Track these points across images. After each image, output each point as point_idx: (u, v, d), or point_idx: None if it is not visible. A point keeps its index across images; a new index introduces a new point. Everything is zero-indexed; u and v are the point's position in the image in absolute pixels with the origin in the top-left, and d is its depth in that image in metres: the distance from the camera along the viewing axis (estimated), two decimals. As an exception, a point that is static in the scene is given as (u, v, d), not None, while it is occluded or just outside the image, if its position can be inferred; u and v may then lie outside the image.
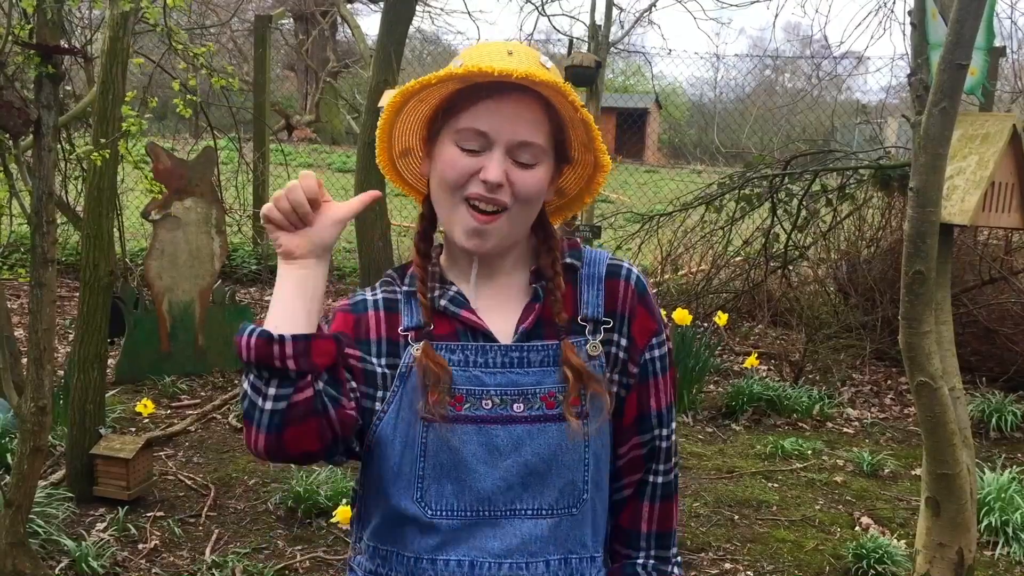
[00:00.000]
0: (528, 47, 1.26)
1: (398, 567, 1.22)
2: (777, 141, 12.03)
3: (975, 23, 2.20)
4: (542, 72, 1.18)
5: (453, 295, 1.25)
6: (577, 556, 1.24)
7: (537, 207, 1.25)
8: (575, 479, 1.22)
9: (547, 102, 1.22)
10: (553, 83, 1.17)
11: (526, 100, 1.20)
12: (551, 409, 1.21)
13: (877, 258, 6.15)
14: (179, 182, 4.96)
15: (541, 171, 1.22)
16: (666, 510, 1.32)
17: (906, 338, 2.46)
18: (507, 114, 1.19)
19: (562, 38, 9.57)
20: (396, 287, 1.29)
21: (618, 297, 1.27)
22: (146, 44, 7.15)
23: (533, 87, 1.19)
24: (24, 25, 2.64)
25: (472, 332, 1.23)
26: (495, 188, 1.18)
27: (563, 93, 1.18)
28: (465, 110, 1.20)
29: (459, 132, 1.20)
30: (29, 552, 2.78)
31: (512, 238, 1.24)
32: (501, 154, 1.19)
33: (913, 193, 2.34)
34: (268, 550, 3.24)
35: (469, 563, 1.19)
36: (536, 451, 1.20)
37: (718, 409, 5.02)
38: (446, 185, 1.22)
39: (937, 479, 2.60)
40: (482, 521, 1.20)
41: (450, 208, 1.22)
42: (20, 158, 2.69)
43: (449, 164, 1.21)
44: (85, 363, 3.43)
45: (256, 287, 7.63)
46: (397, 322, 1.25)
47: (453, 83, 1.22)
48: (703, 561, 3.32)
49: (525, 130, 1.19)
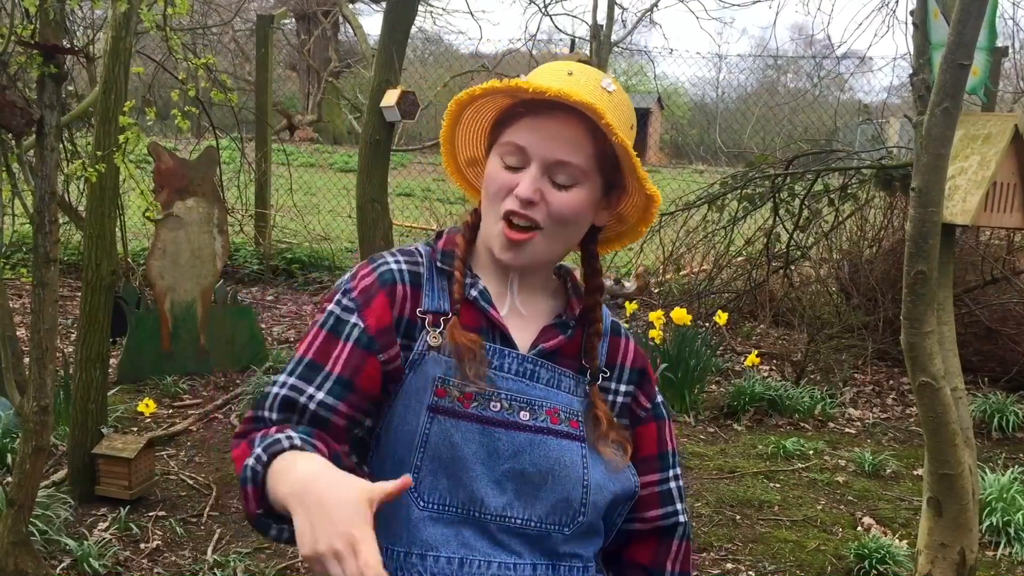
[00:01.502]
0: (592, 68, 1.26)
1: (389, 563, 1.21)
2: (779, 141, 12.03)
3: (977, 23, 2.20)
4: (585, 92, 1.16)
5: (482, 289, 1.25)
6: (567, 564, 1.24)
7: (576, 230, 1.25)
8: (570, 497, 1.22)
9: (594, 123, 1.20)
10: (586, 104, 1.15)
11: (569, 119, 1.19)
12: (555, 424, 1.23)
13: (879, 258, 6.14)
14: (181, 182, 4.97)
15: (579, 193, 1.21)
16: (687, 550, 1.36)
17: (908, 338, 2.46)
18: (546, 132, 1.19)
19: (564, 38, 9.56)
20: (420, 260, 1.27)
21: (619, 351, 1.34)
22: (148, 44, 7.15)
23: (581, 109, 1.17)
24: (26, 25, 2.64)
25: (493, 332, 1.24)
26: (527, 205, 1.19)
27: (596, 115, 1.16)
28: (510, 125, 1.22)
29: (503, 146, 1.22)
30: (31, 551, 2.79)
31: (548, 256, 1.25)
32: (537, 171, 1.19)
33: (915, 193, 2.34)
34: (270, 550, 3.24)
35: (459, 560, 1.19)
36: (534, 461, 1.20)
37: (720, 409, 5.02)
38: (487, 197, 1.24)
39: (939, 479, 2.59)
40: (471, 521, 1.20)
41: (491, 221, 1.23)
42: (23, 158, 2.69)
43: (490, 178, 1.23)
44: (87, 362, 3.44)
45: (258, 287, 7.63)
46: (418, 300, 1.24)
47: (503, 97, 1.23)
48: (705, 561, 3.32)
49: (563, 149, 1.19)
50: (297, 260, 7.98)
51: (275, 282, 7.76)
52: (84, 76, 6.06)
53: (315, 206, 10.08)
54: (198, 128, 7.64)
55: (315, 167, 12.43)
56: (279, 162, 8.50)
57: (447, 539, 1.19)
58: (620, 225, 1.35)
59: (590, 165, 1.21)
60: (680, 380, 4.87)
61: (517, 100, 1.22)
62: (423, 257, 1.27)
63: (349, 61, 16.84)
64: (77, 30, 5.80)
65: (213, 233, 5.14)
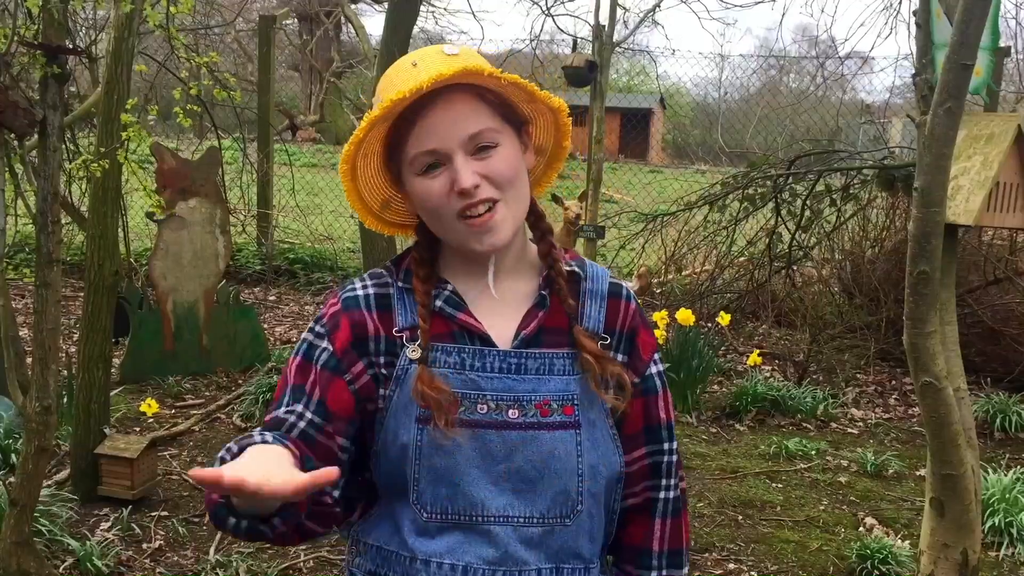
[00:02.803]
0: (429, 47, 1.25)
1: (396, 567, 1.22)
2: (781, 141, 12.03)
3: (980, 23, 2.19)
4: (446, 65, 1.15)
5: (448, 295, 1.24)
6: (570, 567, 1.23)
7: (522, 184, 1.24)
8: (568, 488, 1.22)
9: (474, 88, 1.20)
10: (462, 72, 1.14)
11: (451, 98, 1.18)
12: (545, 417, 1.21)
13: (881, 258, 6.14)
14: (183, 182, 4.97)
15: (505, 149, 1.20)
16: (677, 527, 1.32)
17: (910, 338, 2.46)
18: (442, 120, 1.18)
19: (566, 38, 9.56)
20: (390, 281, 1.27)
21: (618, 315, 1.29)
22: (151, 44, 7.16)
23: (446, 85, 1.16)
24: (29, 26, 2.64)
25: (469, 335, 1.23)
26: (473, 191, 1.17)
27: (471, 72, 1.15)
28: (406, 140, 1.20)
29: (413, 162, 1.20)
30: (34, 551, 2.79)
31: (515, 222, 1.23)
32: (462, 157, 1.18)
33: (918, 193, 2.34)
34: (272, 550, 3.24)
35: (463, 568, 1.19)
36: (529, 458, 1.20)
37: (722, 409, 5.01)
38: (429, 213, 1.21)
39: (941, 479, 2.59)
40: (475, 526, 1.19)
41: (450, 230, 1.21)
42: (25, 158, 2.69)
43: (423, 195, 1.20)
44: (90, 363, 3.44)
45: (260, 287, 7.64)
46: (391, 321, 1.23)
47: (383, 125, 1.21)
48: (707, 561, 3.32)
49: (468, 122, 1.18)
50: (299, 260, 7.99)
51: (277, 282, 7.76)
52: (87, 76, 6.07)
53: (317, 206, 10.09)
54: (200, 128, 7.65)
55: (317, 167, 12.43)
56: (281, 162, 8.50)
57: (451, 547, 1.19)
58: (542, 157, 1.34)
59: (495, 121, 1.20)
60: (683, 380, 4.87)
61: (395, 118, 1.20)
62: (392, 276, 1.27)
63: (351, 61, 16.84)
64: (80, 31, 5.81)
65: (215, 233, 5.14)
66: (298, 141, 15.88)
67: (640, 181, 12.01)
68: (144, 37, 5.41)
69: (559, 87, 7.54)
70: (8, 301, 2.70)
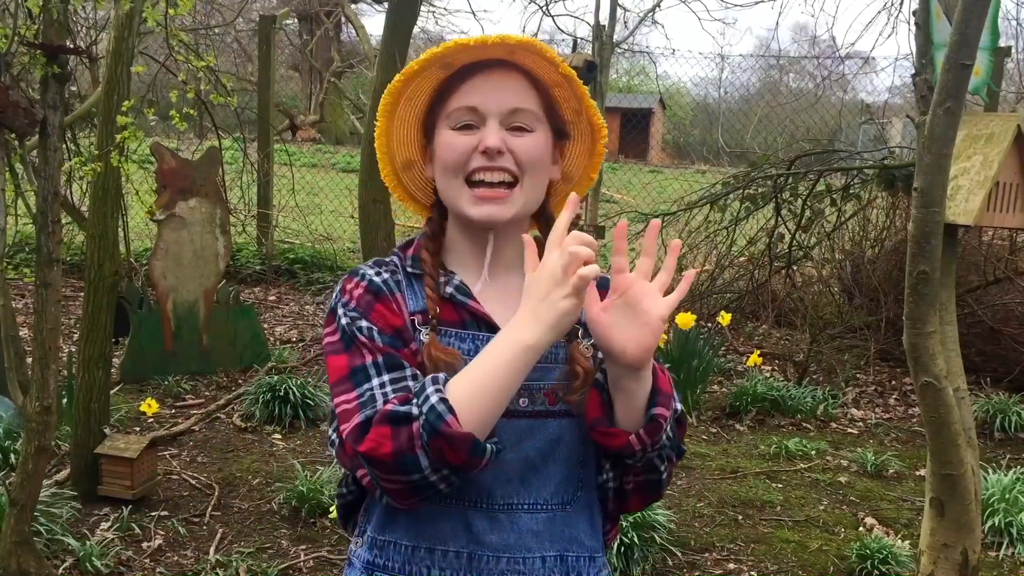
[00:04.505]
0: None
1: (395, 557, 1.22)
2: (781, 141, 12.02)
3: (979, 23, 2.20)
4: (516, 36, 1.20)
5: (458, 284, 1.25)
6: (574, 555, 1.25)
7: (543, 179, 1.27)
8: (570, 475, 1.24)
9: (530, 75, 1.24)
10: (528, 42, 1.19)
11: (509, 72, 1.23)
12: (552, 405, 1.23)
13: (881, 258, 6.14)
14: (184, 182, 4.97)
15: (539, 136, 1.24)
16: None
17: (910, 338, 2.46)
18: (493, 86, 1.22)
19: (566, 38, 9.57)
20: (396, 267, 1.27)
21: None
22: (151, 45, 7.16)
23: (510, 53, 1.21)
24: (30, 25, 2.65)
25: (478, 323, 1.24)
26: (495, 155, 1.20)
27: (540, 51, 1.20)
28: (452, 94, 1.23)
29: (450, 115, 1.23)
30: (34, 551, 2.79)
31: (524, 210, 1.25)
32: (496, 123, 1.21)
33: (917, 193, 2.34)
34: (272, 550, 3.24)
35: (468, 555, 1.20)
36: (536, 446, 1.21)
37: (722, 409, 5.02)
38: (449, 168, 1.23)
39: (941, 479, 2.59)
40: (480, 513, 1.20)
41: (457, 192, 1.23)
42: (26, 158, 2.69)
43: (448, 147, 1.22)
44: (90, 362, 3.44)
45: (260, 287, 7.64)
46: (404, 304, 1.24)
47: (437, 71, 1.24)
48: (707, 561, 3.32)
49: (514, 98, 1.22)
50: (300, 260, 7.99)
51: (277, 282, 7.76)
52: (87, 76, 6.07)
53: (317, 206, 10.09)
54: (201, 128, 7.65)
55: (317, 167, 12.44)
56: (281, 162, 8.50)
57: (456, 533, 1.20)
58: (566, 184, 1.36)
59: (540, 111, 1.24)
60: (682, 380, 4.87)
61: (450, 74, 1.24)
62: (397, 265, 1.28)
63: (351, 61, 16.86)
64: (80, 30, 5.81)
65: (216, 233, 5.14)
66: (298, 141, 15.87)
67: (640, 181, 12.01)
68: (144, 37, 5.41)
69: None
70: (8, 301, 2.70)
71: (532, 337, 1.11)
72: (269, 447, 4.17)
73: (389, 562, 1.23)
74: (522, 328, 1.12)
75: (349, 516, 1.33)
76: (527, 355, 1.11)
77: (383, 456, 1.09)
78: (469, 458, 1.09)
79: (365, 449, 1.10)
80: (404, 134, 1.30)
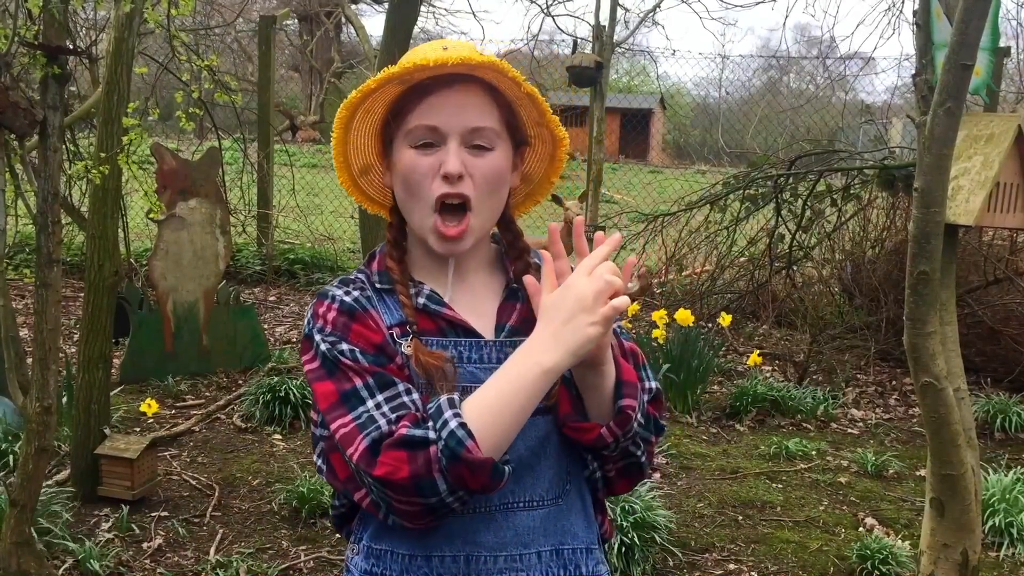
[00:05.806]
0: (462, 41, 1.28)
1: (393, 566, 1.22)
2: (782, 141, 12.02)
3: (980, 23, 2.19)
4: (478, 56, 1.18)
5: (429, 293, 1.25)
6: (569, 547, 1.25)
7: (502, 195, 1.26)
8: (560, 469, 1.25)
9: (491, 87, 1.23)
10: (490, 63, 1.18)
11: (470, 88, 1.21)
12: (540, 403, 1.22)
13: (882, 258, 6.14)
14: (184, 182, 4.97)
15: (499, 155, 1.23)
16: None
17: (911, 339, 2.45)
18: (454, 104, 1.20)
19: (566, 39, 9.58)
20: (364, 284, 1.26)
21: None
22: (151, 45, 7.16)
23: (471, 72, 1.19)
24: (30, 26, 2.64)
25: (456, 329, 1.24)
26: (457, 180, 1.19)
27: (502, 71, 1.19)
28: (411, 110, 1.21)
29: (410, 133, 1.21)
30: (34, 552, 2.79)
31: (482, 232, 1.25)
32: (456, 144, 1.20)
33: (918, 193, 2.34)
34: (272, 550, 3.24)
35: (464, 558, 1.20)
36: (527, 444, 1.22)
37: (722, 410, 5.01)
38: (409, 189, 1.22)
39: (941, 480, 2.59)
40: (477, 515, 1.20)
41: (421, 215, 1.22)
42: (25, 158, 2.69)
43: (408, 167, 1.21)
44: (90, 363, 3.44)
45: (260, 287, 7.64)
46: (380, 320, 1.23)
47: (395, 86, 1.22)
48: (707, 562, 3.32)
49: (475, 116, 1.20)
50: (300, 261, 7.99)
51: (278, 283, 7.76)
52: (87, 77, 6.06)
53: (317, 207, 10.09)
54: (201, 129, 7.65)
55: (318, 168, 12.43)
56: (281, 163, 8.50)
57: (451, 537, 1.20)
58: (526, 186, 1.36)
59: (499, 127, 1.23)
60: (682, 381, 4.87)
61: (408, 88, 1.22)
62: (364, 281, 1.27)
63: (351, 62, 16.86)
64: (80, 31, 5.81)
65: (216, 234, 5.14)
66: (298, 141, 15.88)
67: (640, 181, 12.02)
68: (144, 37, 5.41)
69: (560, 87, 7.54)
70: (8, 301, 2.70)
71: (551, 361, 1.11)
72: (269, 447, 4.17)
73: (386, 571, 1.22)
74: (542, 352, 1.12)
75: (343, 524, 1.33)
76: (545, 379, 1.12)
77: (400, 480, 1.09)
78: (489, 481, 1.10)
79: (381, 474, 1.09)
80: (362, 143, 1.29)
